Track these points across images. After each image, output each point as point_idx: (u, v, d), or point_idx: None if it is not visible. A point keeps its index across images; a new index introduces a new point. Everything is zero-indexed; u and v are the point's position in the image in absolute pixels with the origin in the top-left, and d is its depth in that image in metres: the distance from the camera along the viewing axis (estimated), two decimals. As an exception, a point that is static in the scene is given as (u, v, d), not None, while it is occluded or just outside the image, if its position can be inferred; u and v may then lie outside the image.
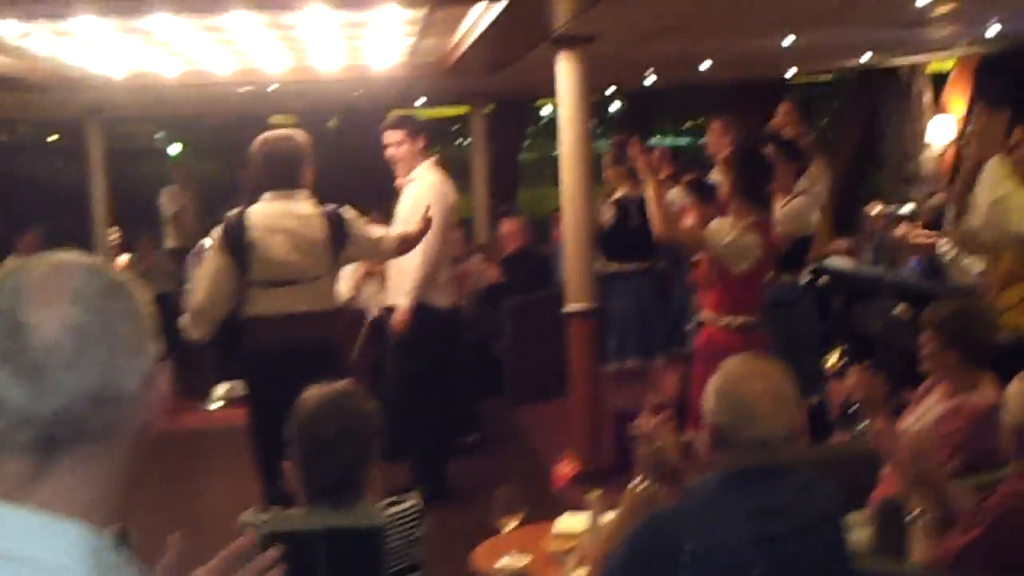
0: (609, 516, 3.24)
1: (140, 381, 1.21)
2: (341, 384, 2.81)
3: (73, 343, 1.15)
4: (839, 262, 8.10)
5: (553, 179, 6.62)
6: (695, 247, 4.98)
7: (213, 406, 8.92)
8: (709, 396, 2.63)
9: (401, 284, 5.73)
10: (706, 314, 4.91)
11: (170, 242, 11.59)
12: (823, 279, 6.99)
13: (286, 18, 4.99)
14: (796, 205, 5.61)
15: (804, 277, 5.83)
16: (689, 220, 5.43)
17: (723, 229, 4.74)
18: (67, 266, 1.21)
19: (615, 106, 18.26)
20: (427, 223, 4.93)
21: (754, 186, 4.82)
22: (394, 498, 2.79)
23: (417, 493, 2.84)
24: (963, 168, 4.76)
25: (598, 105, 20.29)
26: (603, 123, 21.05)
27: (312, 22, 5.00)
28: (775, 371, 2.64)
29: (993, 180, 4.46)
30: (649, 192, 4.80)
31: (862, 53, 9.93)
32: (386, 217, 6.30)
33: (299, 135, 4.75)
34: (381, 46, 6.15)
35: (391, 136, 5.71)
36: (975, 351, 3.81)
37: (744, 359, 2.71)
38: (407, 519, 2.75)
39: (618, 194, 6.36)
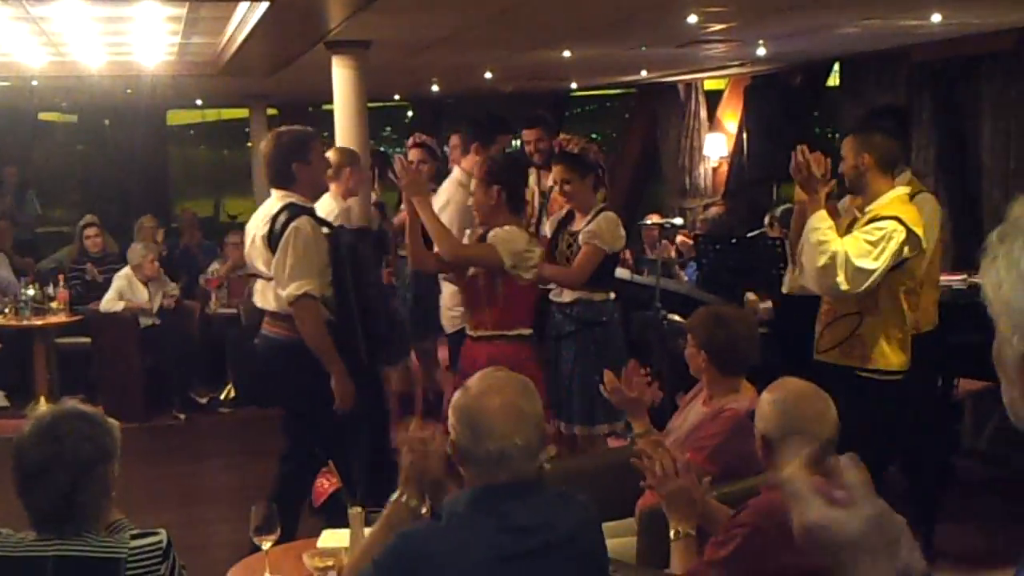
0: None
1: None
2: (70, 405, 2.68)
3: None
4: (620, 272, 8.26)
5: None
6: (478, 263, 4.74)
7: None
8: (450, 413, 2.60)
9: None
10: (480, 331, 4.82)
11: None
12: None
13: (37, 10, 4.71)
14: (605, 220, 5.34)
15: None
16: None
17: (515, 239, 4.68)
18: None
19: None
20: None
21: (519, 197, 4.80)
22: (140, 531, 2.65)
23: (163, 529, 2.70)
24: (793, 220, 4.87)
25: (394, 112, 20.24)
26: (398, 131, 20.97)
27: (66, 15, 4.74)
28: (514, 385, 2.62)
29: (816, 240, 4.58)
30: (425, 214, 4.61)
31: (639, 70, 10.19)
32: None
33: (288, 134, 4.79)
34: (146, 43, 5.91)
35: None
36: (725, 356, 3.90)
37: (485, 375, 2.68)
38: (151, 554, 2.60)
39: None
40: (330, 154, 5.73)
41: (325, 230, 4.76)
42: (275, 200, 4.77)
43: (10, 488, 2.58)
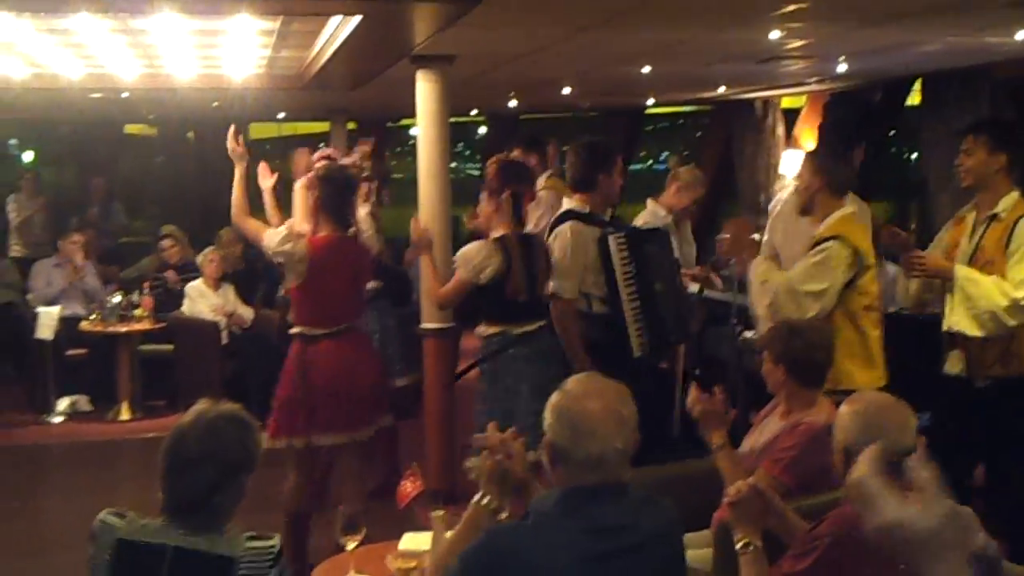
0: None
1: None
2: (228, 406, 2.75)
3: None
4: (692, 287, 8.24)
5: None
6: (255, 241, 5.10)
7: (55, 421, 8.61)
8: (548, 414, 2.65)
9: None
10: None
11: (15, 251, 11.26)
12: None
13: (136, 23, 4.86)
14: (473, 247, 5.10)
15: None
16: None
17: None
18: None
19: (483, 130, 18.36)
20: None
21: (339, 205, 5.03)
22: (256, 533, 2.72)
23: (279, 536, 2.77)
24: None
25: (466, 127, 20.37)
26: (471, 146, 21.08)
27: (163, 28, 4.88)
28: (613, 391, 2.67)
29: (759, 283, 4.75)
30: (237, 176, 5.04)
31: (717, 85, 10.18)
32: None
33: (599, 146, 5.48)
34: (236, 56, 6.05)
35: None
36: (802, 369, 3.92)
37: (584, 378, 2.73)
38: (263, 557, 2.67)
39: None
40: None
41: (597, 231, 5.23)
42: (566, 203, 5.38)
43: (104, 484, 2.67)
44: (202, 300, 8.62)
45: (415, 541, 3.67)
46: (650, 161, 24.40)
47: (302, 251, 4.88)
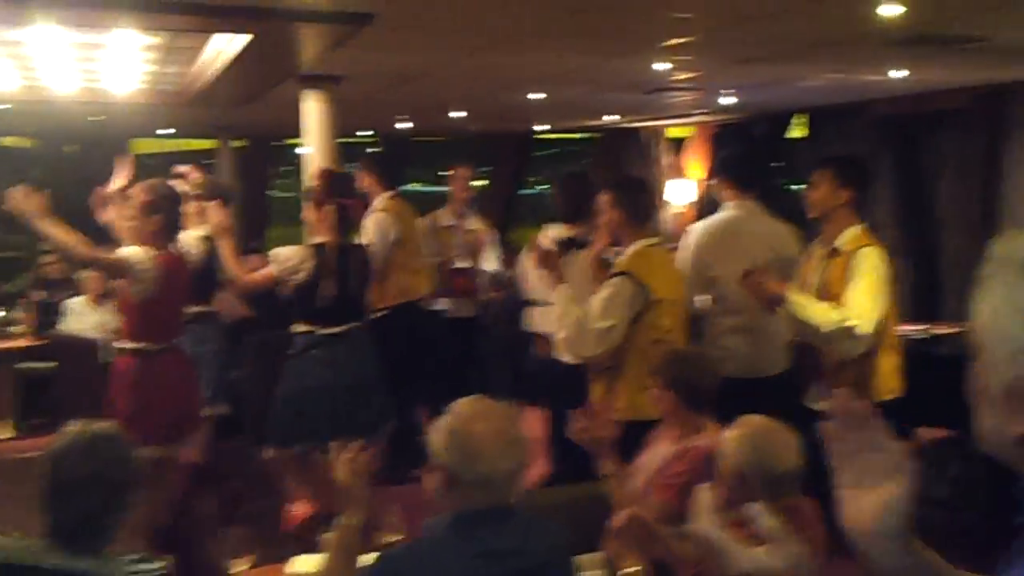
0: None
1: None
2: (105, 425, 2.69)
3: None
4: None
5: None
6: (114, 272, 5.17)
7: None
8: (437, 436, 2.63)
9: None
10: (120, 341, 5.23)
11: None
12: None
13: (13, 34, 4.71)
14: (284, 251, 5.54)
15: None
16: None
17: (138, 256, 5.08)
18: None
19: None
20: None
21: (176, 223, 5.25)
22: (139, 556, 2.64)
23: (163, 562, 2.69)
24: None
25: (357, 146, 20.25)
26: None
27: (44, 41, 4.74)
28: (501, 412, 2.67)
29: (558, 314, 4.83)
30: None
31: (607, 114, 10.31)
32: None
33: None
34: (120, 70, 5.90)
35: None
36: (692, 394, 3.96)
37: (472, 400, 2.72)
38: None
39: None
40: None
41: None
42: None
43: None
44: (84, 317, 8.37)
45: (306, 563, 3.62)
46: (538, 188, 24.64)
47: (153, 270, 5.01)
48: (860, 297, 4.56)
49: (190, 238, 5.82)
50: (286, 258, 5.40)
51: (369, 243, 6.14)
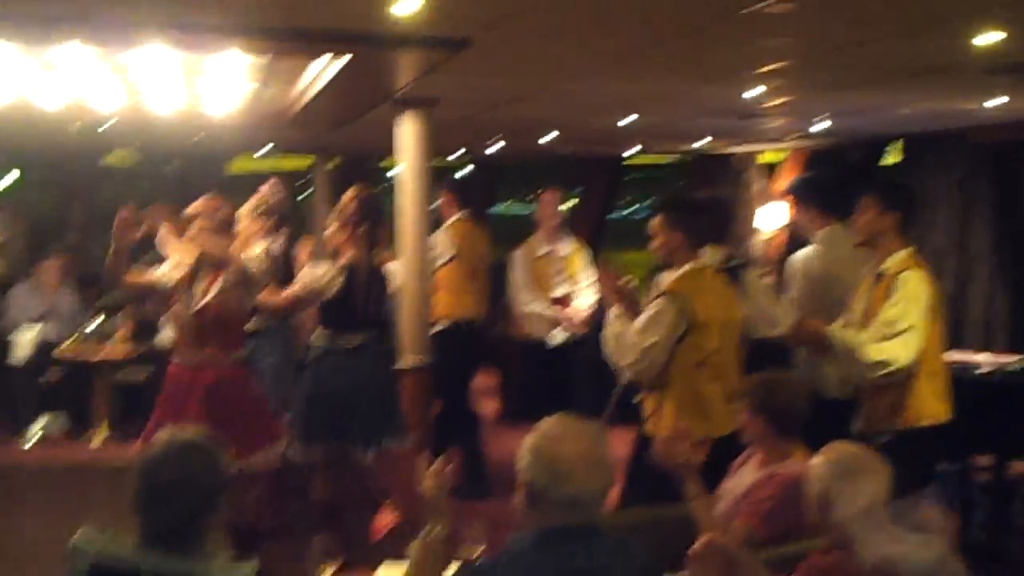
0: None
1: None
2: (194, 431, 2.78)
3: None
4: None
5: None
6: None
7: (28, 444, 8.53)
8: (524, 454, 2.67)
9: None
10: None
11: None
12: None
13: (122, 55, 4.86)
14: (315, 272, 5.96)
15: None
16: None
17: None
18: None
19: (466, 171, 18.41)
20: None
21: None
22: (230, 562, 2.72)
23: (255, 563, 2.77)
24: None
25: (448, 169, 20.41)
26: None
27: (150, 61, 4.89)
28: (590, 432, 2.69)
29: (612, 334, 4.96)
30: None
31: (700, 138, 10.27)
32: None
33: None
34: (222, 91, 6.05)
35: None
36: (781, 420, 3.95)
37: (558, 419, 2.75)
38: None
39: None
40: None
41: None
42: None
43: (76, 508, 2.68)
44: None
45: (391, 572, 3.68)
46: (628, 209, 24.57)
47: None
48: (891, 324, 4.53)
49: (252, 252, 5.95)
50: (315, 278, 5.76)
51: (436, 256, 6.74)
